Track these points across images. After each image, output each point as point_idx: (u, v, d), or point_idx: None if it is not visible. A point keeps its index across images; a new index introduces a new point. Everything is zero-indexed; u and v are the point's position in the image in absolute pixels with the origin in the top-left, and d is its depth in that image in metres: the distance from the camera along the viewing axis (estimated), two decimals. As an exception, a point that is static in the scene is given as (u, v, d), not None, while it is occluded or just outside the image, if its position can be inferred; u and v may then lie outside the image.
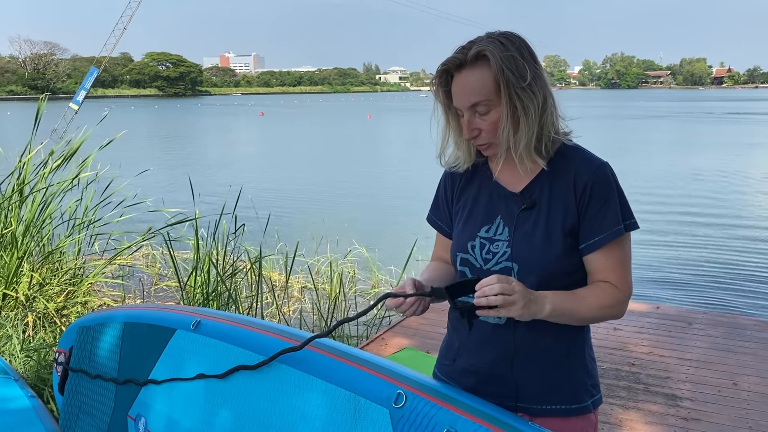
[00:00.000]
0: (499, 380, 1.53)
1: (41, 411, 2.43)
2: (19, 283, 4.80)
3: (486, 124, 1.48)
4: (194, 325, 1.81)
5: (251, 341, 1.67)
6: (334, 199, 13.79)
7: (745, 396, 3.64)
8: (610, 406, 3.53)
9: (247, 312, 5.15)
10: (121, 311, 2.12)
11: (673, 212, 11.86)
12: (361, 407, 1.40)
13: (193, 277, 5.06)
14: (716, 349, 4.30)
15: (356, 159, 22.73)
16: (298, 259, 5.92)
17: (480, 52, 1.44)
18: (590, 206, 1.47)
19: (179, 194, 12.16)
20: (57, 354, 2.28)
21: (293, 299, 6.39)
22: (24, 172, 5.18)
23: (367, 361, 1.49)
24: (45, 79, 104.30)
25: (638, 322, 4.80)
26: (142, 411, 1.87)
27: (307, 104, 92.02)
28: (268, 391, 1.57)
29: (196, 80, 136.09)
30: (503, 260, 1.50)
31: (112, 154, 6.85)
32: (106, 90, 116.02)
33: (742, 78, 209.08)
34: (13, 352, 3.83)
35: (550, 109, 1.47)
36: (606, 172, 1.49)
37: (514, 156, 1.48)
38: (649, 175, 16.71)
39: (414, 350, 4.23)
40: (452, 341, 1.64)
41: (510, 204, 1.54)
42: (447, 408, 1.34)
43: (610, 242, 1.47)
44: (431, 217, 1.74)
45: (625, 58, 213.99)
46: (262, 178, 17.08)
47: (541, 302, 1.39)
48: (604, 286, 1.48)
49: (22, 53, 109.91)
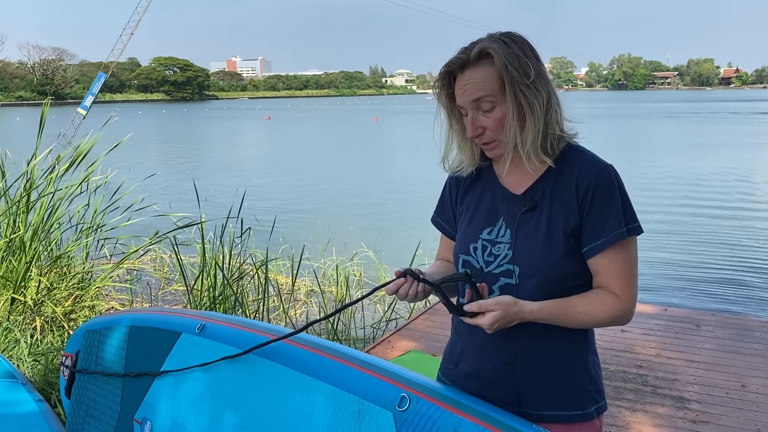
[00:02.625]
0: (502, 385, 1.52)
1: (48, 415, 2.45)
2: (28, 287, 4.83)
3: (490, 121, 1.47)
4: (199, 329, 1.82)
5: (254, 344, 1.67)
6: (341, 202, 13.80)
7: (753, 398, 3.61)
8: (618, 408, 3.52)
9: (254, 315, 5.16)
10: (127, 315, 2.13)
11: (681, 213, 11.81)
12: (364, 410, 1.40)
13: (200, 280, 5.07)
14: (724, 351, 4.28)
15: (362, 162, 22.74)
16: (304, 263, 5.93)
17: (483, 51, 1.44)
18: (592, 209, 1.45)
19: (187, 198, 12.20)
20: (64, 358, 2.30)
21: (300, 302, 6.40)
22: (31, 177, 5.21)
23: (371, 364, 1.49)
24: (53, 84, 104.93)
25: (646, 323, 4.78)
26: (147, 415, 1.88)
27: (313, 107, 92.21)
28: (273, 395, 1.58)
29: (203, 85, 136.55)
30: (505, 263, 1.50)
31: (120, 159, 6.90)
32: (113, 95, 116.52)
33: (751, 78, 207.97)
34: (21, 356, 3.85)
35: (554, 106, 1.47)
36: (609, 174, 1.47)
37: (522, 154, 1.46)
38: (657, 174, 16.65)
39: (419, 353, 4.22)
40: (455, 345, 1.64)
41: (512, 206, 1.53)
42: (451, 411, 1.34)
43: (613, 246, 1.45)
44: (435, 219, 1.74)
45: (632, 59, 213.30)
46: (269, 181, 17.12)
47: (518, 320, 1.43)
48: (604, 298, 1.46)
49: (30, 59, 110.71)
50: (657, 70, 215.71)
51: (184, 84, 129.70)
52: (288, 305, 6.01)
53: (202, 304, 4.90)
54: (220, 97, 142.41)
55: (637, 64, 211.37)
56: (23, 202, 5.10)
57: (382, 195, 14.94)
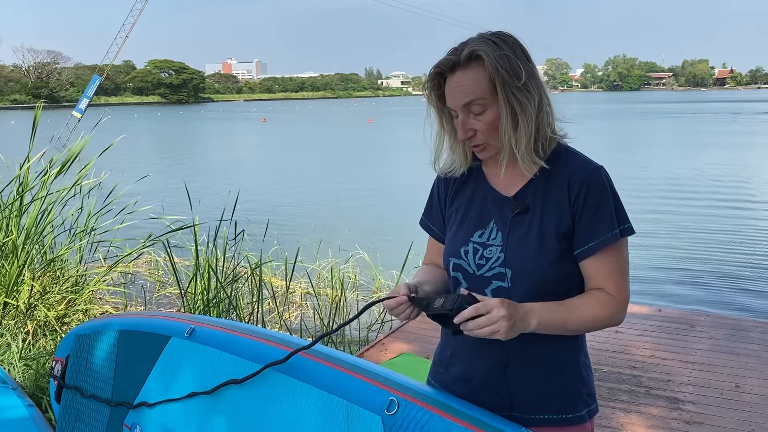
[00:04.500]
0: (493, 389, 1.50)
1: (39, 420, 2.43)
2: (20, 291, 4.80)
3: (481, 124, 1.45)
4: (188, 333, 1.81)
5: (245, 349, 1.66)
6: (336, 204, 13.79)
7: (747, 399, 3.61)
8: (612, 409, 3.51)
9: (248, 318, 5.14)
10: (118, 319, 2.12)
11: (675, 213, 11.83)
12: (353, 414, 1.39)
13: (193, 283, 5.05)
14: (719, 352, 4.28)
15: (357, 163, 22.73)
16: (299, 265, 5.91)
17: (473, 52, 1.42)
18: (584, 211, 1.44)
19: (181, 200, 12.17)
20: (54, 362, 2.28)
21: (295, 305, 6.38)
22: (25, 180, 5.19)
23: (360, 367, 1.47)
24: (48, 87, 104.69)
25: (640, 324, 4.78)
26: (137, 420, 1.87)
27: (309, 110, 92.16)
28: (261, 399, 1.57)
29: (198, 87, 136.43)
30: (496, 266, 1.48)
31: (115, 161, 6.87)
32: (109, 98, 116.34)
33: (745, 79, 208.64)
34: (12, 361, 3.83)
35: (545, 108, 1.45)
36: (601, 176, 1.46)
37: (517, 155, 1.45)
38: (649, 175, 16.68)
39: (412, 356, 4.22)
40: (445, 349, 1.62)
41: (503, 208, 1.51)
42: (440, 415, 1.32)
43: (606, 248, 1.44)
44: (424, 221, 1.72)
45: (627, 60, 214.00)
46: (263, 183, 17.10)
47: (527, 320, 1.36)
48: (599, 296, 1.45)
49: (25, 62, 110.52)
50: (652, 71, 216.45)
51: (180, 86, 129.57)
52: (282, 308, 5.99)
53: (196, 308, 4.88)
54: (215, 100, 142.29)
55: (632, 65, 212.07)
56: (16, 206, 5.07)
57: (376, 196, 14.93)
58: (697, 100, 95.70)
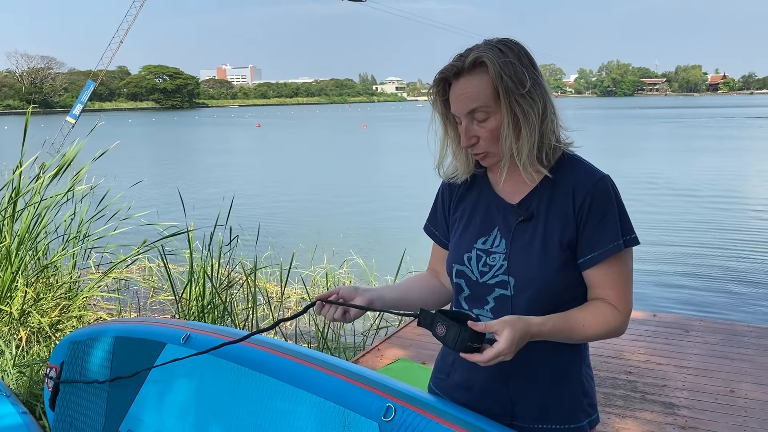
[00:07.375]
0: (494, 397, 1.49)
1: (33, 427, 2.41)
2: (14, 297, 4.78)
3: (484, 131, 1.44)
4: (184, 339, 1.80)
5: (240, 355, 1.65)
6: (331, 210, 13.78)
7: (742, 403, 3.62)
8: (607, 415, 3.51)
9: (243, 324, 5.13)
10: (112, 325, 2.11)
11: (669, 219, 11.86)
12: (350, 421, 1.39)
13: (188, 290, 5.03)
14: (713, 357, 4.29)
15: (352, 169, 22.73)
16: (294, 271, 5.90)
17: (478, 59, 1.41)
18: (589, 220, 1.43)
19: (175, 206, 12.15)
20: (48, 369, 2.27)
21: (290, 311, 6.37)
22: (17, 186, 5.16)
23: (356, 373, 1.47)
24: (42, 93, 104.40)
25: (635, 329, 4.79)
26: (132, 426, 1.86)
27: (304, 115, 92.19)
28: (258, 405, 1.56)
29: (193, 93, 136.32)
30: (500, 273, 1.47)
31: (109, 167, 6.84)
32: (103, 103, 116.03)
33: (738, 84, 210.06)
34: (5, 367, 3.80)
35: (550, 116, 1.44)
36: (606, 185, 1.45)
37: (518, 164, 1.44)
38: (642, 180, 16.73)
39: (408, 362, 4.21)
40: (447, 355, 1.60)
41: (507, 216, 1.50)
42: (437, 421, 1.32)
43: (610, 258, 1.43)
44: (428, 227, 1.71)
45: (620, 65, 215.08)
46: (257, 189, 17.08)
47: (528, 338, 1.34)
48: (604, 309, 1.44)
49: (18, 68, 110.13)
50: (645, 77, 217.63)
51: (174, 92, 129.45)
52: (278, 314, 5.98)
53: (190, 314, 4.87)
54: (210, 105, 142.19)
55: (626, 70, 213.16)
56: (9, 211, 5.05)
57: (371, 201, 14.93)
58: (691, 106, 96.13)
